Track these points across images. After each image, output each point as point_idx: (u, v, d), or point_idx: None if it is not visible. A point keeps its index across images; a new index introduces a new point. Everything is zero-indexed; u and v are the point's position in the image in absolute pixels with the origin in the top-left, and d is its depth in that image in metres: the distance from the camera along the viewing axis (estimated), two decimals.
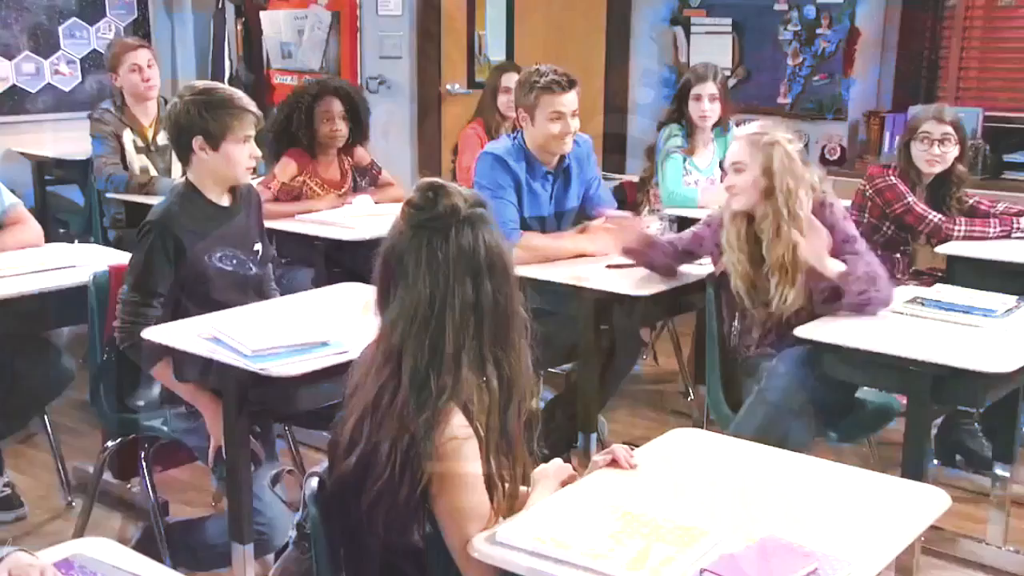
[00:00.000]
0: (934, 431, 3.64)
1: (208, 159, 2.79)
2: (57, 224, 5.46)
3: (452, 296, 1.71)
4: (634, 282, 3.14)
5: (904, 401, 3.09)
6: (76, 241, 5.11)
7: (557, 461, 2.01)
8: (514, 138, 3.47)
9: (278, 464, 2.33)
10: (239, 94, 2.86)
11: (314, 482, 1.82)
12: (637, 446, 2.18)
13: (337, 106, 4.10)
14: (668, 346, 4.76)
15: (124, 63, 4.45)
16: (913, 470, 2.45)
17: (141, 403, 3.05)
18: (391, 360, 1.74)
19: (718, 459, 2.04)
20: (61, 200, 5.80)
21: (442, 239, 1.72)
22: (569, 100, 3.31)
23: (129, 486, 3.50)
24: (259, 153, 2.91)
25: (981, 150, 4.73)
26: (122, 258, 3.31)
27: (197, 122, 2.76)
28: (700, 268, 3.21)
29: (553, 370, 3.86)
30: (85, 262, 3.24)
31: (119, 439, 3.06)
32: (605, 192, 3.68)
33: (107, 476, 3.29)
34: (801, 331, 2.69)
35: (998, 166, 4.65)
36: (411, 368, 1.71)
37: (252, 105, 2.85)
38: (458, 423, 1.71)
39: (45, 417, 3.51)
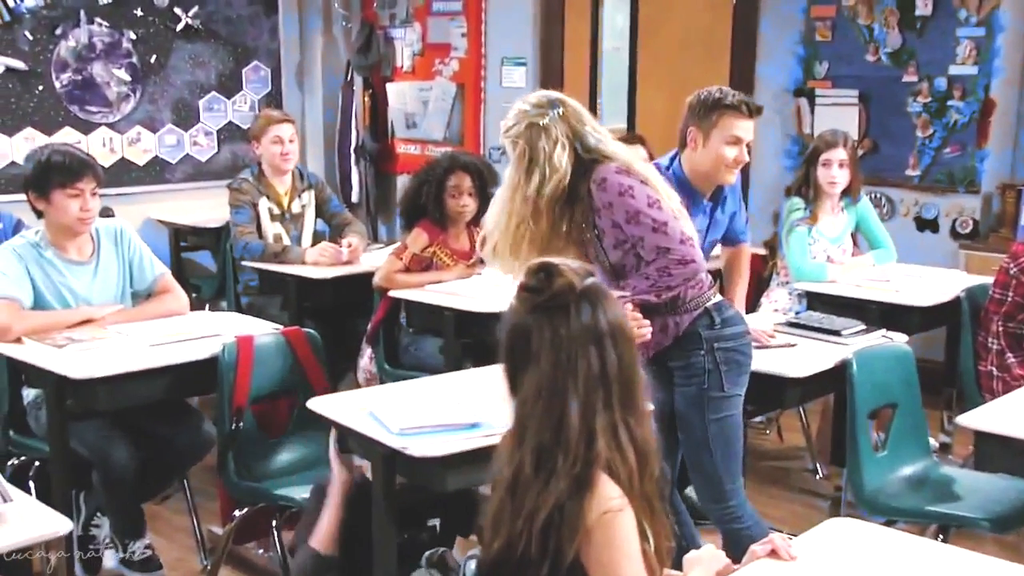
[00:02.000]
0: None
1: None
2: (190, 289, 5.65)
3: (577, 370, 1.72)
4: (791, 363, 3.09)
5: None
6: (207, 306, 5.29)
7: (710, 547, 1.98)
8: (668, 167, 3.07)
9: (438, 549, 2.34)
10: None
11: (473, 564, 1.83)
12: (779, 530, 2.12)
13: (466, 181, 4.17)
14: (792, 421, 4.66)
15: (267, 134, 4.62)
16: None
17: (267, 471, 3.14)
18: (523, 442, 1.76)
19: (878, 550, 1.98)
20: (194, 266, 6.02)
21: (563, 317, 1.74)
22: (750, 128, 2.98)
23: (260, 551, 3.57)
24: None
25: None
26: (253, 328, 3.41)
27: None
28: (845, 349, 3.15)
29: None
30: (225, 331, 3.32)
31: (246, 508, 3.14)
32: (745, 226, 3.34)
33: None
34: (964, 419, 2.59)
35: None
36: (535, 448, 1.73)
37: None
38: (609, 493, 1.70)
39: (185, 480, 3.60)
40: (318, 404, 2.72)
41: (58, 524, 1.98)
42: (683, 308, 2.72)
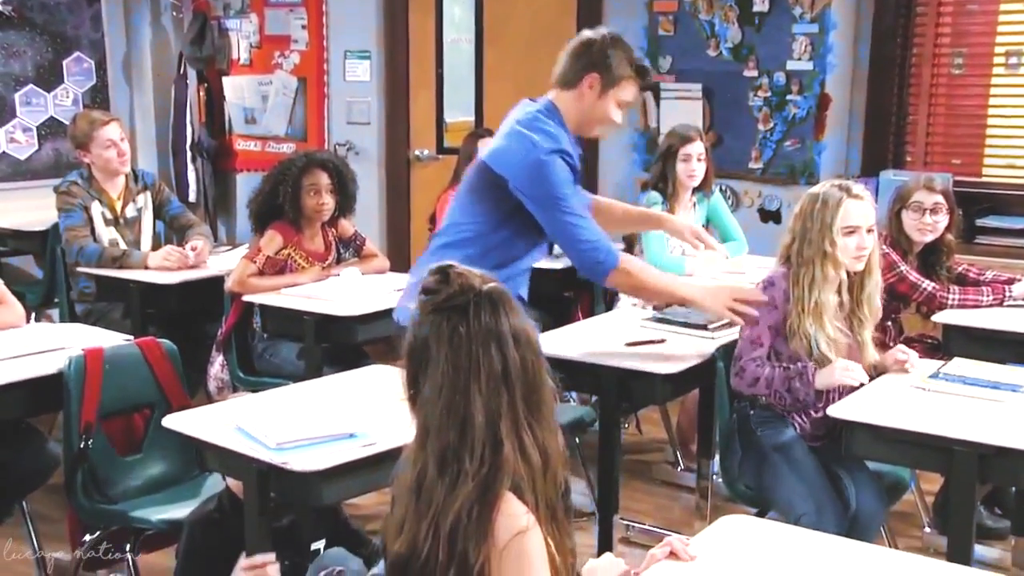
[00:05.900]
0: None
1: None
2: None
3: (479, 370, 1.66)
4: (656, 360, 3.05)
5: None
6: (34, 314, 4.94)
7: (609, 556, 1.96)
8: (546, 111, 2.91)
9: None
10: None
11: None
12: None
13: (324, 179, 4.03)
14: (650, 414, 4.72)
15: (97, 140, 4.34)
16: (961, 554, 2.41)
17: (121, 491, 2.95)
18: (426, 444, 1.69)
19: (771, 546, 1.99)
20: (17, 272, 5.62)
21: (461, 317, 1.68)
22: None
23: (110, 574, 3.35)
24: None
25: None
26: (98, 339, 3.21)
27: None
28: (712, 343, 3.19)
29: None
30: (70, 343, 3.11)
31: (98, 532, 2.93)
32: None
33: None
34: (833, 410, 2.66)
35: (970, 231, 4.71)
36: (439, 449, 1.67)
37: None
38: (517, 511, 1.65)
39: (24, 505, 3.34)
40: (176, 421, 2.55)
41: None
42: None
